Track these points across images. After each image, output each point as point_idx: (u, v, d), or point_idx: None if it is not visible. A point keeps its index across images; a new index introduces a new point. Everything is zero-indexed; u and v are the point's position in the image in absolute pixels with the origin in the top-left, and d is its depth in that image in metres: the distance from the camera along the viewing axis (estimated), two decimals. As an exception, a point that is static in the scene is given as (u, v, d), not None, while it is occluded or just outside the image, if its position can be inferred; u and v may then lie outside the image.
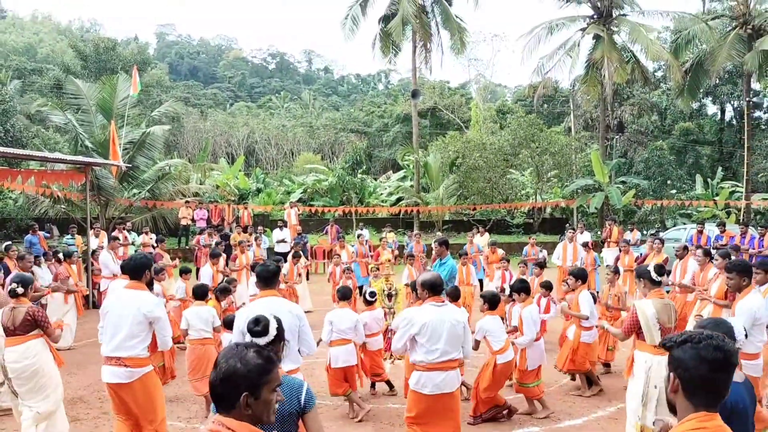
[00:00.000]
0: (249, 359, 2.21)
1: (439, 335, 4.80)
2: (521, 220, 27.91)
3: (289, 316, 4.38)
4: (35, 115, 28.97)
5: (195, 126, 40.89)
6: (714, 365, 2.03)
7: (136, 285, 5.10)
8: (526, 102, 40.49)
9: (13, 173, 15.17)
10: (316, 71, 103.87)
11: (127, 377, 4.92)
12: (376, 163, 43.27)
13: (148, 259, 5.33)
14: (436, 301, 4.94)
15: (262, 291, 4.71)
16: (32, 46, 65.77)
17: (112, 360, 4.94)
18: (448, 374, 4.86)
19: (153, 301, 5.13)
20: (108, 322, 5.01)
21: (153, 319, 5.00)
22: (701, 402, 2.06)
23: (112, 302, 5.14)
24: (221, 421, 2.19)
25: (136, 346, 4.94)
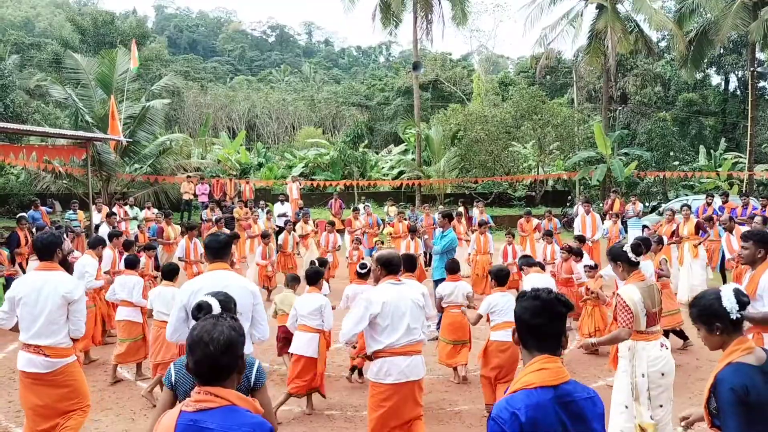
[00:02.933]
0: (235, 325, 2.27)
1: (401, 314, 4.40)
2: (523, 193, 27.88)
3: (244, 293, 3.92)
4: (35, 90, 28.89)
5: (195, 100, 40.69)
6: (533, 312, 2.33)
7: (49, 266, 4.63)
8: (529, 74, 40.15)
9: (15, 149, 15.17)
10: (316, 44, 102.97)
11: (46, 367, 4.50)
12: (378, 136, 43.10)
13: (57, 237, 4.85)
14: (393, 279, 4.57)
15: (211, 263, 4.19)
16: (30, 20, 65.22)
17: (30, 348, 4.51)
18: (413, 359, 4.43)
19: (72, 281, 4.68)
20: (23, 308, 4.53)
21: (71, 301, 4.53)
22: (534, 347, 2.34)
23: (25, 286, 4.59)
24: (208, 390, 2.18)
25: (57, 332, 4.51)
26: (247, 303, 3.94)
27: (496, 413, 2.22)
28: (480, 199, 19.59)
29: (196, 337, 2.22)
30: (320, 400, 6.42)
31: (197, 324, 2.29)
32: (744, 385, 2.61)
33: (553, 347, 2.33)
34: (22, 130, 15.06)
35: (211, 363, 2.18)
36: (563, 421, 2.23)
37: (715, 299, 2.80)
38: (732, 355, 2.74)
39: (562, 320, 2.34)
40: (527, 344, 2.37)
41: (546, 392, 2.24)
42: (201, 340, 2.20)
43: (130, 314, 7.33)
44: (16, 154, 15.19)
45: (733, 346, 2.76)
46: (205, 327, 2.23)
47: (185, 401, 2.22)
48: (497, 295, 6.18)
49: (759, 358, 2.73)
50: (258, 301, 4.07)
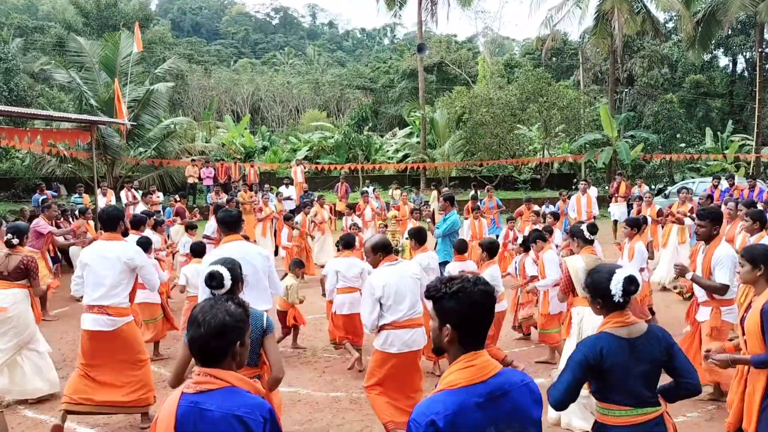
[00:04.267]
0: (233, 311, 2.26)
1: (402, 293, 4.76)
2: (528, 175, 27.79)
3: (259, 258, 4.73)
4: (39, 73, 28.79)
5: (199, 83, 40.51)
6: (480, 309, 2.13)
7: (112, 236, 5.24)
8: (535, 56, 39.85)
9: (20, 133, 15.18)
10: (320, 26, 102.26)
11: (110, 325, 5.08)
12: (383, 119, 42.91)
13: (120, 210, 5.56)
14: (389, 260, 4.89)
15: (227, 236, 4.85)
16: (33, 3, 64.92)
17: (94, 308, 5.08)
18: (415, 331, 4.81)
19: (132, 248, 5.33)
20: (89, 273, 5.14)
21: (135, 267, 5.17)
22: (471, 342, 2.15)
23: (91, 253, 5.21)
24: (208, 372, 2.20)
25: (119, 294, 5.11)
26: (264, 266, 4.76)
27: (414, 416, 2.07)
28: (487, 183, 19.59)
29: (192, 316, 2.26)
30: (326, 381, 6.46)
31: (198, 304, 2.33)
32: (597, 351, 2.82)
33: (483, 341, 2.17)
34: (27, 113, 15.03)
35: (201, 345, 2.21)
36: (494, 419, 2.07)
37: (606, 279, 2.91)
38: (604, 326, 2.94)
39: (491, 314, 2.17)
40: (466, 341, 2.14)
41: (471, 392, 2.08)
42: (195, 321, 2.23)
43: (147, 296, 7.22)
44: (20, 138, 15.21)
45: (607, 319, 2.95)
46: (203, 308, 2.26)
47: (186, 383, 2.24)
48: (491, 269, 6.65)
49: (632, 331, 2.88)
50: (272, 264, 4.87)
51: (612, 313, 2.92)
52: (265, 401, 2.25)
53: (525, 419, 2.15)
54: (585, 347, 2.88)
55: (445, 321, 2.13)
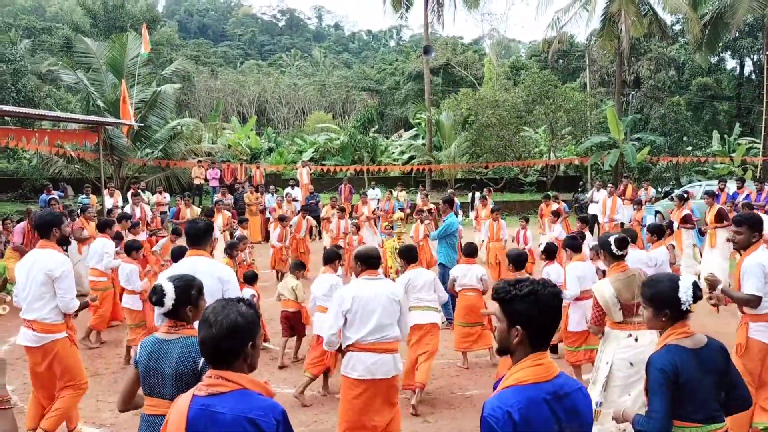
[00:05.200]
0: (245, 312, 2.25)
1: (371, 310, 4.27)
2: (534, 178, 27.74)
3: (209, 280, 3.87)
4: (46, 74, 28.93)
5: (206, 85, 40.64)
6: (555, 312, 2.21)
7: (46, 244, 4.80)
8: (541, 58, 39.76)
9: (27, 133, 15.27)
10: (326, 28, 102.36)
11: (34, 341, 4.68)
12: (388, 121, 42.93)
13: (55, 216, 5.05)
14: (370, 274, 4.45)
15: (190, 249, 4.25)
16: (41, 5, 65.22)
17: (24, 322, 4.74)
18: (381, 357, 4.29)
19: (57, 260, 4.74)
20: (19, 284, 4.78)
21: (55, 279, 4.64)
22: (539, 343, 2.22)
23: (22, 263, 4.83)
24: (219, 374, 2.19)
25: (41, 308, 4.65)
26: (215, 288, 3.95)
27: (488, 412, 2.12)
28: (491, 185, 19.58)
29: (204, 317, 2.25)
30: (330, 383, 6.45)
31: (210, 305, 2.31)
32: (673, 365, 2.74)
33: (549, 342, 2.25)
34: (34, 114, 15.13)
35: (212, 345, 2.20)
36: (558, 416, 2.15)
37: (671, 288, 2.84)
38: (668, 338, 2.85)
39: (559, 315, 2.24)
40: (534, 343, 2.20)
41: (539, 388, 2.16)
42: (206, 321, 2.22)
43: (128, 301, 7.36)
44: (28, 139, 15.29)
45: (670, 330, 2.86)
46: (215, 309, 2.25)
47: (197, 385, 2.23)
48: None
49: (696, 341, 2.83)
50: (228, 287, 4.06)
51: (676, 323, 2.85)
52: (278, 403, 2.24)
53: (582, 421, 2.23)
54: (660, 364, 2.78)
55: (515, 322, 2.20)
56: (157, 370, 2.94)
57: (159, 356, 2.95)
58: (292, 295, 7.23)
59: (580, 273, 6.39)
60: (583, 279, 6.36)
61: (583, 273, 6.42)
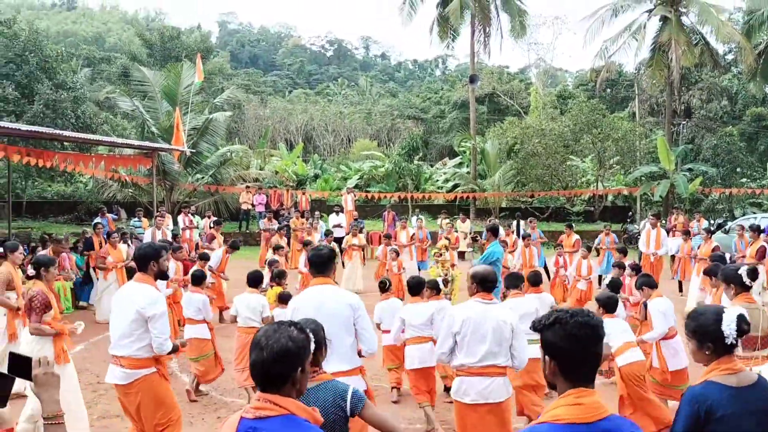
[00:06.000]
0: (295, 336, 2.26)
1: (482, 335, 4.21)
2: (581, 207, 27.33)
3: (338, 307, 3.98)
4: (104, 102, 30.15)
5: (255, 113, 41.64)
6: (584, 341, 2.08)
7: (142, 278, 4.55)
8: (588, 87, 39.42)
9: (85, 158, 15.88)
10: (373, 57, 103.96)
11: (123, 378, 4.47)
12: (433, 149, 43.05)
13: (154, 249, 4.70)
14: (483, 297, 4.38)
15: (315, 278, 4.20)
16: (101, 36, 68.33)
17: (112, 358, 4.54)
18: (494, 381, 4.22)
19: (152, 297, 4.46)
20: (111, 318, 4.64)
21: (148, 318, 4.38)
22: (578, 378, 2.09)
23: (117, 296, 4.69)
24: (267, 398, 2.19)
25: (130, 346, 4.42)
26: (347, 315, 3.97)
27: None
28: (537, 214, 19.38)
29: (254, 340, 2.26)
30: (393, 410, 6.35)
31: (262, 328, 2.33)
32: (707, 403, 2.58)
33: (591, 377, 2.11)
34: (92, 140, 15.75)
35: (262, 368, 2.21)
36: None
37: (715, 321, 2.71)
38: (710, 374, 2.71)
39: (599, 345, 2.12)
40: (571, 375, 2.10)
41: (576, 430, 2.00)
42: (257, 344, 2.23)
43: (198, 332, 7.11)
44: (85, 163, 15.90)
45: (714, 365, 2.71)
46: (266, 332, 2.27)
47: (245, 407, 2.24)
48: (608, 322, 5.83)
49: (742, 379, 2.66)
50: (359, 314, 4.03)
51: (721, 358, 2.72)
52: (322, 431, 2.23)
53: None
54: (692, 399, 2.64)
55: (546, 353, 2.16)
56: None
57: None
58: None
59: (663, 308, 6.09)
60: (668, 315, 6.08)
61: (665, 308, 6.11)
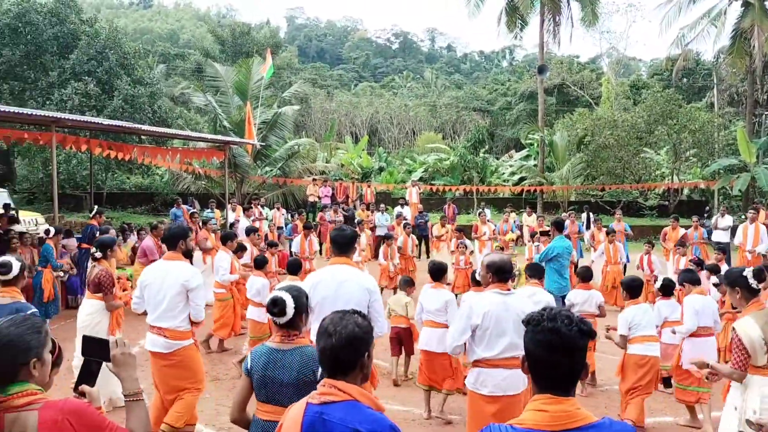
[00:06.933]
0: (361, 323, 2.32)
1: (503, 328, 4.09)
2: (655, 202, 26.38)
3: (357, 289, 4.10)
4: (179, 97, 31.23)
5: (322, 106, 42.25)
6: (547, 348, 1.92)
7: (173, 256, 5.08)
8: (663, 76, 37.98)
9: (162, 151, 16.53)
10: (438, 50, 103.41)
11: (166, 347, 4.95)
12: (499, 142, 42.52)
13: (183, 229, 5.29)
14: (501, 288, 4.22)
15: (334, 257, 4.32)
16: (175, 33, 70.79)
17: (154, 329, 4.99)
18: (512, 373, 4.11)
19: (192, 271, 5.08)
20: (149, 294, 5.02)
21: (190, 290, 4.94)
22: (545, 384, 1.96)
23: (151, 274, 5.10)
24: (333, 384, 2.25)
25: (175, 318, 4.93)
26: (362, 299, 4.07)
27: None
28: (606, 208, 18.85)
29: (322, 328, 2.33)
30: (436, 404, 6.25)
31: (327, 316, 2.40)
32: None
33: (563, 385, 1.94)
34: (168, 133, 16.37)
35: (331, 355, 2.27)
36: None
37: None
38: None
39: (581, 354, 1.94)
40: (537, 379, 1.98)
41: None
42: (326, 332, 2.30)
43: (255, 314, 7.57)
44: (163, 156, 16.57)
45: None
46: (333, 319, 2.34)
47: (311, 393, 2.31)
48: (633, 309, 5.88)
49: None
50: (375, 298, 4.15)
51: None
52: (386, 418, 2.27)
53: None
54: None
55: (525, 352, 2.03)
56: (274, 379, 3.05)
57: (276, 365, 3.07)
58: (404, 311, 7.30)
59: (699, 307, 5.94)
60: (702, 314, 5.91)
61: (702, 307, 5.95)
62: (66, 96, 17.72)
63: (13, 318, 2.24)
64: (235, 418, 3.24)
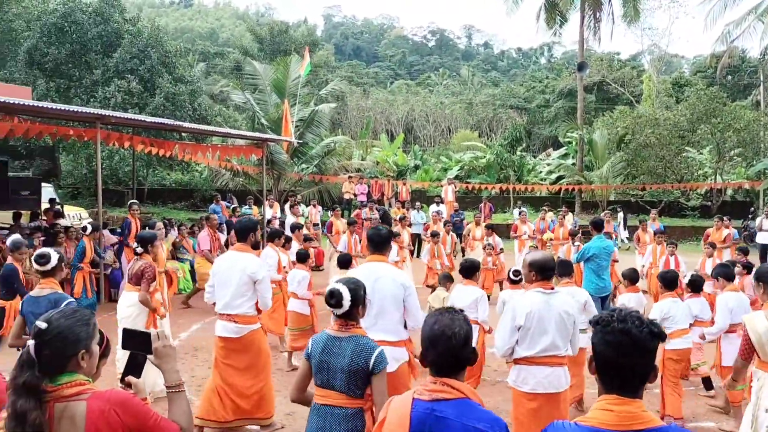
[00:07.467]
0: (469, 321, 2.40)
1: (545, 328, 4.09)
2: (697, 202, 25.75)
3: (392, 284, 4.25)
4: (218, 95, 31.70)
5: (357, 104, 42.38)
6: (618, 349, 1.92)
7: (242, 247, 5.36)
8: (707, 73, 37.04)
9: (202, 148, 16.79)
10: (475, 47, 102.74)
11: (236, 332, 5.25)
12: (536, 140, 42.04)
13: (254, 222, 5.65)
14: (544, 287, 4.21)
15: (371, 255, 4.48)
16: (215, 31, 71.81)
17: (224, 316, 5.30)
18: (554, 370, 4.13)
19: (256, 262, 5.35)
20: (218, 282, 5.33)
21: (256, 280, 5.23)
22: (612, 384, 1.96)
23: (221, 264, 5.42)
24: (445, 381, 2.27)
25: (243, 305, 5.24)
26: (398, 294, 4.25)
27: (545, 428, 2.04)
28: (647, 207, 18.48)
29: (438, 331, 2.32)
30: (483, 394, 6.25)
31: (435, 319, 2.38)
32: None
33: (630, 386, 1.95)
34: (208, 131, 16.59)
35: (453, 355, 2.29)
36: None
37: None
38: None
39: (651, 356, 1.94)
40: (605, 380, 1.99)
41: None
42: (443, 334, 2.30)
43: (297, 306, 7.63)
44: (203, 153, 16.82)
45: None
46: (444, 322, 2.34)
47: (417, 389, 2.32)
48: (668, 301, 5.92)
49: None
50: (409, 293, 4.32)
51: None
52: (500, 417, 2.27)
53: None
54: None
55: (592, 351, 2.04)
56: (329, 364, 3.20)
57: (332, 351, 3.21)
58: (441, 306, 7.29)
59: (733, 304, 5.93)
60: (736, 311, 5.88)
61: (736, 304, 5.95)
62: (109, 93, 18.13)
63: (63, 310, 2.30)
64: (295, 398, 3.44)
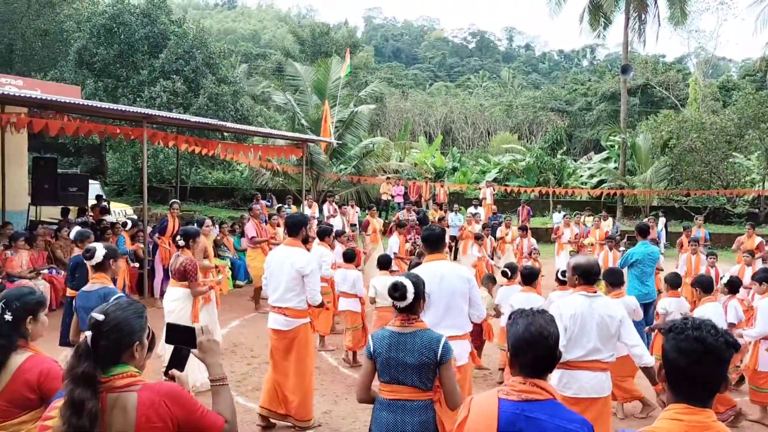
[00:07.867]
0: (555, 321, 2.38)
1: (588, 331, 4.06)
2: (744, 209, 25.01)
3: (458, 280, 4.43)
4: (259, 95, 32.11)
5: (396, 106, 42.41)
6: (692, 357, 1.88)
7: (292, 242, 5.48)
8: (756, 77, 36.00)
9: (244, 147, 17.04)
10: (516, 49, 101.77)
11: (285, 325, 5.42)
12: (577, 143, 41.46)
13: (305, 217, 5.78)
14: (587, 290, 4.18)
15: (429, 255, 4.63)
16: (257, 33, 72.79)
17: (275, 309, 5.47)
18: (596, 375, 4.09)
19: (307, 258, 5.46)
20: (270, 276, 5.51)
21: (305, 275, 5.34)
22: (682, 393, 1.93)
23: (272, 258, 5.57)
24: (535, 382, 2.25)
25: (293, 299, 5.38)
26: (464, 287, 4.46)
27: None
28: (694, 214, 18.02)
29: (536, 332, 2.28)
30: None
31: (529, 320, 2.33)
32: None
33: (701, 396, 1.92)
34: (249, 131, 16.83)
35: (550, 356, 2.28)
36: None
37: None
38: None
39: (725, 366, 1.90)
40: (675, 389, 1.95)
41: None
42: (541, 336, 2.27)
43: (351, 305, 7.76)
44: (244, 152, 17.08)
45: None
46: (540, 323, 2.31)
47: (502, 389, 2.30)
48: (709, 306, 5.94)
49: None
50: (473, 285, 4.55)
51: None
52: (586, 419, 2.26)
53: None
54: None
55: (662, 360, 2.01)
56: (399, 360, 3.24)
57: (399, 348, 3.25)
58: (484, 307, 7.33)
59: None
60: None
61: None
62: (155, 93, 18.55)
63: (119, 302, 2.36)
64: (361, 398, 3.45)
